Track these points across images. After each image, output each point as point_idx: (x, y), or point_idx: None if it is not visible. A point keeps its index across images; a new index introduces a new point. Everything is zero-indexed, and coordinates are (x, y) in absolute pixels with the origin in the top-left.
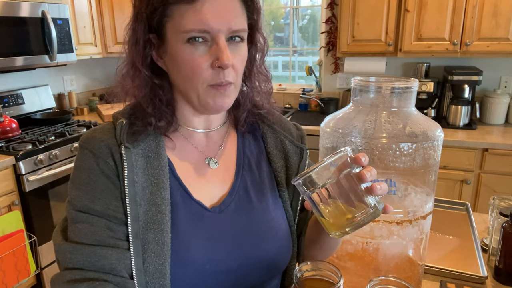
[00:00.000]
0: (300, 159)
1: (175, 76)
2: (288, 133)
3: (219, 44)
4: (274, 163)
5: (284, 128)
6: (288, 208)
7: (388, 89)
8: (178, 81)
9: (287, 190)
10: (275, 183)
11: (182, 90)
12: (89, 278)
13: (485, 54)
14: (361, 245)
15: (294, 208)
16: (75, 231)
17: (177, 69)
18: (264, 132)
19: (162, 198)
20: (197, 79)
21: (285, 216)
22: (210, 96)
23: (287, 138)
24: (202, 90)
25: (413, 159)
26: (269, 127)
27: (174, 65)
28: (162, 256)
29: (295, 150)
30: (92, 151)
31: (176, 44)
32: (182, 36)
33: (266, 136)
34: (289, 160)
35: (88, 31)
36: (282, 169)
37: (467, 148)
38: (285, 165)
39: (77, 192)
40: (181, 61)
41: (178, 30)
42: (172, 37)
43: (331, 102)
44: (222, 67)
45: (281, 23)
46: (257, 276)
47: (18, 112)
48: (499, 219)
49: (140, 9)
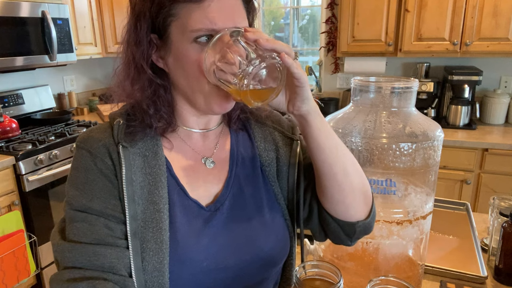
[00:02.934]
0: (290, 149)
1: (178, 77)
2: (277, 124)
3: None
4: (262, 157)
5: (274, 121)
6: (280, 201)
7: (388, 89)
8: (182, 81)
9: (278, 183)
10: (267, 178)
11: (186, 91)
12: (88, 277)
13: (485, 54)
14: (361, 245)
15: (290, 200)
16: (74, 230)
17: (181, 69)
18: (253, 127)
19: (160, 196)
20: (202, 79)
21: (279, 210)
22: (216, 96)
23: (277, 129)
24: (208, 89)
25: (413, 159)
26: (259, 123)
27: (178, 65)
28: (160, 255)
29: (286, 141)
30: (89, 150)
31: (182, 44)
32: (189, 35)
33: (254, 132)
34: (279, 151)
35: (88, 31)
36: (273, 161)
37: (467, 148)
38: (275, 157)
39: (75, 192)
40: (187, 61)
41: (185, 29)
42: (178, 37)
43: (331, 102)
44: None
45: (281, 23)
46: (255, 272)
47: (18, 112)
48: (499, 219)
49: (144, 9)
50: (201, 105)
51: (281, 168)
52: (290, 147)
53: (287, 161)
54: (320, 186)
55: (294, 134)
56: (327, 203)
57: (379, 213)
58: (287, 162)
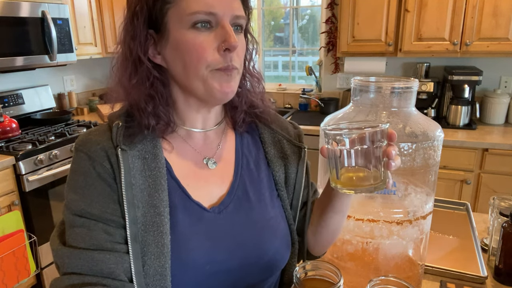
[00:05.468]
0: (298, 158)
1: (176, 67)
2: (285, 132)
3: (225, 27)
4: (272, 162)
5: (281, 128)
6: (287, 207)
7: (388, 89)
8: (180, 70)
9: (285, 190)
10: (273, 183)
11: (184, 82)
12: (87, 282)
13: (485, 54)
14: (361, 245)
15: (295, 207)
16: (73, 236)
17: (179, 58)
18: (262, 131)
19: (160, 200)
20: (201, 64)
21: (284, 215)
22: (216, 79)
23: (285, 137)
24: (207, 74)
25: (413, 159)
26: (267, 127)
27: (176, 54)
28: (162, 258)
29: (294, 149)
30: (88, 154)
31: (180, 31)
32: (187, 20)
33: (263, 136)
34: (288, 159)
35: (88, 31)
36: (281, 168)
37: (467, 148)
38: (283, 164)
39: (73, 196)
40: (185, 47)
41: (183, 14)
42: (175, 25)
43: (331, 102)
44: (230, 49)
45: (281, 23)
46: (257, 275)
47: (18, 112)
48: (499, 219)
49: (140, 3)
50: (201, 92)
51: (289, 175)
52: (297, 155)
53: (295, 169)
54: (315, 232)
55: (302, 143)
56: (311, 239)
57: (379, 213)
58: (295, 169)
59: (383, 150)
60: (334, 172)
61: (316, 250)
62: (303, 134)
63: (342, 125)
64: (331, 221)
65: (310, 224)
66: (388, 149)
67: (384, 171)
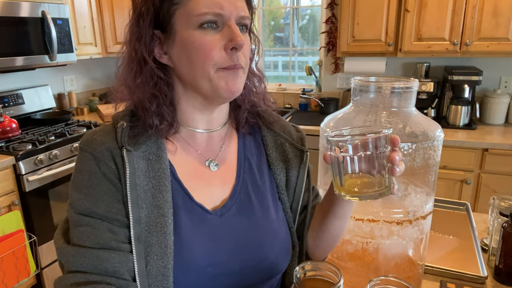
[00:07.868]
0: (300, 161)
1: (183, 67)
2: (288, 135)
3: (231, 26)
4: (274, 165)
5: (284, 130)
6: (287, 210)
7: (388, 89)
8: (187, 70)
9: (286, 193)
10: (275, 186)
11: (191, 81)
12: (92, 281)
13: (485, 54)
14: (361, 245)
15: (294, 210)
16: (78, 234)
17: (186, 57)
18: (264, 134)
19: (164, 201)
20: (208, 63)
21: (285, 218)
22: (222, 78)
23: (287, 140)
24: (213, 73)
25: (413, 159)
26: (269, 129)
27: (183, 54)
28: (165, 259)
29: (296, 153)
30: (93, 154)
31: (187, 31)
32: (195, 20)
33: (266, 138)
34: (289, 162)
35: (88, 31)
36: (282, 171)
37: (467, 148)
38: (284, 167)
39: (78, 195)
40: (192, 47)
41: (191, 14)
42: (182, 25)
43: (331, 102)
44: (237, 48)
45: (281, 23)
46: (258, 277)
47: (18, 112)
48: (499, 219)
49: (147, 2)
50: (208, 91)
51: (290, 179)
52: (299, 159)
53: (296, 172)
54: (316, 237)
55: (304, 146)
56: (311, 244)
57: (379, 213)
58: (296, 173)
59: (386, 156)
60: (337, 179)
61: (317, 255)
62: (305, 138)
63: (345, 131)
64: (333, 226)
65: (311, 229)
66: (392, 155)
67: (388, 176)
